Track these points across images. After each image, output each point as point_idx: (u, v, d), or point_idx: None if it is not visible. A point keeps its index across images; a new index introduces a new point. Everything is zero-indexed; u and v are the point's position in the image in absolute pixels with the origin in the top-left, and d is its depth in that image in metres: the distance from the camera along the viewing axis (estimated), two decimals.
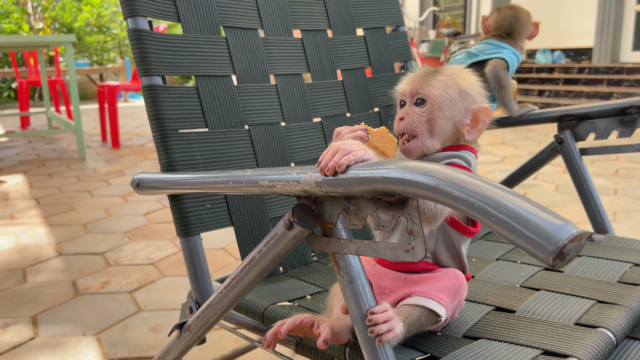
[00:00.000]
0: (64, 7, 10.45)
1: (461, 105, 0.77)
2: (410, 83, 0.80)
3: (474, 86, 0.79)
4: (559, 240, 0.42)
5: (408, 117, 0.78)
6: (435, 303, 0.74)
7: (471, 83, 0.79)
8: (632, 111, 1.15)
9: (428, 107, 0.77)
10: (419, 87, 0.78)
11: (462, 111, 0.78)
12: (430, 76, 0.79)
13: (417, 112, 0.78)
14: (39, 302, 1.84)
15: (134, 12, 0.95)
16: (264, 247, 0.71)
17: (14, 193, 3.35)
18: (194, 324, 0.88)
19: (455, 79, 0.78)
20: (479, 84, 0.80)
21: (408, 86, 0.80)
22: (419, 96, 0.78)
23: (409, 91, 0.79)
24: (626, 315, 0.81)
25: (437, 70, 0.80)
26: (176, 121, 0.97)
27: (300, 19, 1.22)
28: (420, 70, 0.81)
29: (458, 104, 0.77)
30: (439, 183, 0.49)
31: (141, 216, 2.81)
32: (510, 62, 1.39)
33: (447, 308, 0.75)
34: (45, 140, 5.65)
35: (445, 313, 0.74)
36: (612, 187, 3.10)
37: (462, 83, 0.78)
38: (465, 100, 0.78)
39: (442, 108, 0.77)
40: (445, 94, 0.77)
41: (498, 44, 1.43)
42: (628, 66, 6.13)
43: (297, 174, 0.63)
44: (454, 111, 0.77)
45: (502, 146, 4.51)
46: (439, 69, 0.80)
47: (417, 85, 0.78)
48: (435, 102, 0.77)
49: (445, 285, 0.76)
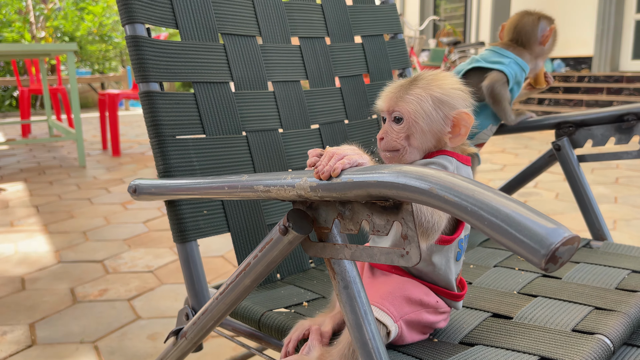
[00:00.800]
0: (66, 16, 10.51)
1: (438, 115, 0.77)
2: (386, 100, 0.79)
3: (451, 91, 0.78)
4: (552, 243, 0.42)
5: (387, 136, 0.78)
6: (377, 310, 0.73)
7: (448, 89, 0.78)
8: (629, 118, 1.15)
9: (405, 123, 0.77)
10: (394, 104, 0.78)
11: (441, 121, 0.77)
12: (404, 90, 0.78)
13: (396, 129, 0.78)
14: (37, 310, 1.84)
15: (132, 19, 0.95)
16: (259, 252, 0.71)
17: (14, 201, 3.36)
18: (189, 330, 0.87)
19: (429, 89, 0.77)
20: (456, 87, 0.79)
21: (385, 104, 0.79)
22: (395, 114, 0.78)
23: (386, 109, 0.79)
24: (624, 322, 0.80)
25: (412, 82, 0.79)
26: (173, 127, 0.97)
27: (298, 26, 1.23)
28: (396, 84, 0.80)
29: (434, 115, 0.77)
30: (432, 187, 0.49)
31: (140, 224, 2.81)
32: (510, 74, 1.35)
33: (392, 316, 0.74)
34: (46, 148, 5.66)
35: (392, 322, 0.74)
36: (612, 195, 3.10)
37: (436, 92, 0.77)
38: (441, 109, 0.77)
39: (419, 122, 0.76)
40: (419, 108, 0.76)
41: (502, 51, 1.39)
42: (628, 75, 6.14)
43: (292, 178, 0.63)
44: (431, 123, 0.77)
45: (503, 154, 4.52)
46: (414, 79, 0.79)
47: (392, 102, 0.78)
48: (411, 118, 0.76)
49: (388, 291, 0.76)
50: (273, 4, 1.18)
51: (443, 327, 0.83)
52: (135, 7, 0.96)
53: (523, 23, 1.40)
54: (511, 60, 1.37)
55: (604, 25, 6.67)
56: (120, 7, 0.96)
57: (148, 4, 0.98)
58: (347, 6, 1.34)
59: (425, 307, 0.78)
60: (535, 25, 1.39)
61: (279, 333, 0.85)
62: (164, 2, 1.01)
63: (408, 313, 0.76)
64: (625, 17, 6.67)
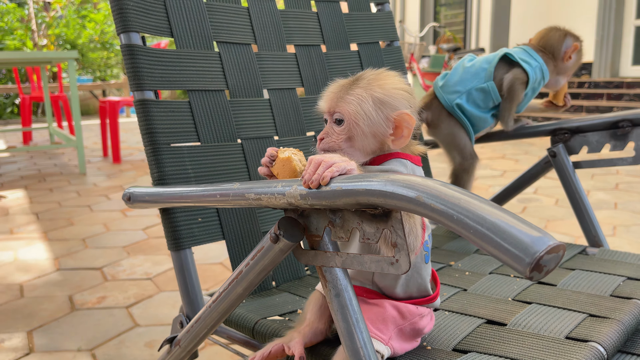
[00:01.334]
0: (68, 24, 10.55)
1: (379, 117, 0.74)
2: (327, 100, 0.77)
3: (393, 92, 0.75)
4: (536, 251, 0.42)
5: (327, 138, 0.77)
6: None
7: (390, 89, 0.75)
8: (624, 124, 1.15)
9: (345, 125, 0.75)
10: (335, 105, 0.76)
11: (382, 122, 0.74)
12: (345, 90, 0.76)
13: (337, 131, 0.76)
14: (35, 317, 1.84)
15: (127, 27, 0.96)
16: (251, 260, 0.71)
17: (14, 208, 3.36)
18: (183, 338, 0.87)
19: (370, 89, 0.75)
20: (399, 87, 0.76)
21: (326, 104, 0.78)
22: (336, 115, 0.76)
23: (327, 109, 0.77)
24: (618, 329, 0.80)
25: (353, 82, 0.77)
26: (168, 135, 0.98)
27: (294, 34, 1.23)
28: (338, 83, 0.78)
29: (374, 116, 0.74)
30: (419, 195, 0.49)
31: (140, 231, 2.81)
32: (531, 77, 1.35)
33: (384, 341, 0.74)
34: (47, 156, 5.67)
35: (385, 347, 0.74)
36: (612, 201, 3.09)
37: (377, 92, 0.75)
38: (382, 110, 0.74)
39: (359, 124, 0.74)
40: (359, 109, 0.74)
41: (532, 53, 1.39)
42: (628, 80, 6.15)
43: (282, 186, 0.63)
44: (372, 125, 0.74)
45: (503, 160, 4.52)
46: (356, 79, 0.77)
47: (333, 102, 0.76)
48: (352, 120, 0.74)
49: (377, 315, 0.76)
50: (269, 12, 1.19)
51: (435, 332, 0.83)
52: (130, 15, 0.96)
53: (550, 36, 1.41)
54: (538, 65, 1.37)
55: (604, 31, 6.68)
56: (116, 16, 0.96)
57: (143, 13, 0.98)
58: (343, 14, 1.34)
59: (408, 318, 0.77)
60: (561, 40, 1.40)
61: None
62: (159, 11, 1.02)
63: (394, 330, 0.76)
64: (625, 23, 6.69)
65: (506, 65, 1.36)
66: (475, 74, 1.38)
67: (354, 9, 1.38)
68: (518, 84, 1.33)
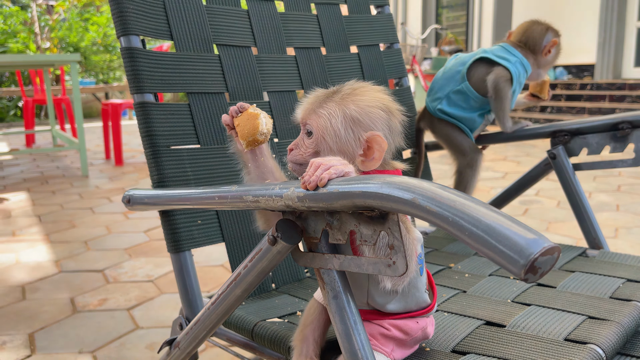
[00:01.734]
0: (71, 27, 10.59)
1: (347, 135, 0.71)
2: (302, 110, 0.75)
3: (368, 110, 0.71)
4: (531, 253, 0.42)
5: (296, 149, 0.74)
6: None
7: (365, 107, 0.71)
8: (624, 126, 1.15)
9: (314, 139, 0.72)
10: (307, 116, 0.73)
11: (351, 141, 0.71)
12: (319, 103, 0.73)
13: (306, 143, 0.73)
14: (37, 320, 1.84)
15: (127, 30, 0.96)
16: (249, 262, 0.71)
17: (16, 210, 3.37)
18: (182, 340, 0.87)
19: (343, 104, 0.71)
20: (377, 104, 0.72)
21: (299, 114, 0.75)
22: (307, 127, 0.73)
23: (300, 119, 0.75)
24: (617, 331, 0.80)
25: (330, 94, 0.73)
26: (168, 137, 0.98)
27: (293, 37, 1.24)
28: (317, 93, 0.75)
29: (343, 134, 0.71)
30: (414, 197, 0.49)
31: (141, 233, 2.82)
32: (514, 73, 1.35)
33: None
34: (50, 158, 5.68)
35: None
36: (614, 203, 3.08)
37: (351, 109, 0.71)
38: (353, 129, 0.71)
39: (326, 139, 0.71)
40: (328, 125, 0.71)
41: (510, 49, 1.40)
42: (630, 82, 6.14)
43: (279, 189, 0.63)
44: (340, 143, 0.71)
45: (504, 162, 4.51)
46: (334, 91, 0.74)
47: (306, 113, 0.73)
48: (319, 134, 0.72)
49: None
50: (268, 15, 1.19)
51: (434, 334, 0.83)
52: (130, 19, 0.97)
53: (532, 30, 1.42)
54: (517, 59, 1.38)
55: (606, 33, 6.68)
56: (116, 19, 0.97)
57: (143, 16, 0.99)
58: (343, 16, 1.35)
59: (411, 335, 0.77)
60: (542, 35, 1.41)
61: (272, 343, 0.85)
62: (159, 14, 1.02)
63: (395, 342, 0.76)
64: (627, 25, 6.68)
65: (486, 65, 1.37)
66: (451, 78, 1.40)
67: (354, 11, 1.38)
68: (502, 82, 1.33)
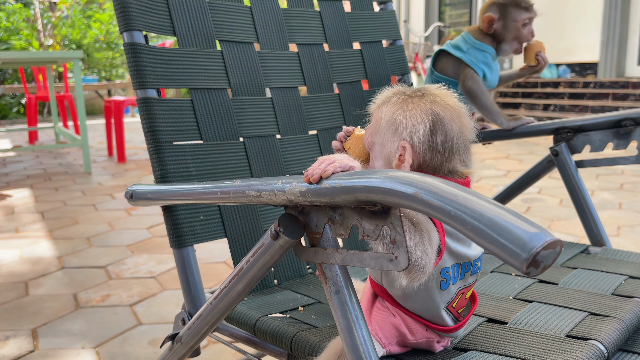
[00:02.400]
0: (74, 24, 10.59)
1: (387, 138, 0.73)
2: (373, 104, 0.78)
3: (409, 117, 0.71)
4: (533, 247, 0.42)
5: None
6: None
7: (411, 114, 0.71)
8: (627, 123, 1.15)
9: (371, 131, 0.76)
10: (372, 109, 0.77)
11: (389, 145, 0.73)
12: (387, 100, 0.75)
13: (368, 132, 0.77)
14: (40, 315, 1.85)
15: (130, 26, 0.97)
16: (252, 257, 0.71)
17: (19, 207, 3.38)
18: (185, 335, 0.88)
19: (398, 107, 0.73)
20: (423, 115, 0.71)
21: (371, 106, 0.78)
22: (368, 118, 0.78)
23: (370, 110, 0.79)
24: (619, 327, 0.80)
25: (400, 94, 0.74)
26: (171, 133, 0.98)
27: (296, 33, 1.23)
28: (391, 91, 0.76)
29: (387, 138, 0.73)
30: (417, 191, 0.49)
31: (144, 229, 2.82)
32: (470, 62, 1.32)
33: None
34: (52, 155, 5.69)
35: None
36: (617, 201, 3.08)
37: (397, 114, 0.72)
38: (393, 134, 0.72)
39: (378, 135, 0.74)
40: (381, 123, 0.74)
41: (467, 37, 1.37)
42: (633, 80, 6.12)
43: (282, 183, 0.64)
44: (382, 144, 0.74)
45: (507, 160, 4.50)
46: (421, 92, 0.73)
47: (373, 107, 0.77)
48: (374, 127, 0.75)
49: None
50: (271, 11, 1.19)
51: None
52: (133, 14, 0.97)
53: (482, 9, 1.40)
54: (470, 45, 1.36)
55: (610, 31, 6.65)
56: (119, 14, 0.97)
57: (146, 12, 0.99)
58: (346, 12, 1.35)
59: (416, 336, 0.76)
60: (483, 12, 1.38)
61: (274, 338, 0.85)
62: (161, 10, 1.02)
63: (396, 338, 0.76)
64: (630, 23, 6.65)
65: (450, 58, 1.37)
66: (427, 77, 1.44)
67: (356, 7, 1.38)
68: (467, 81, 1.32)
